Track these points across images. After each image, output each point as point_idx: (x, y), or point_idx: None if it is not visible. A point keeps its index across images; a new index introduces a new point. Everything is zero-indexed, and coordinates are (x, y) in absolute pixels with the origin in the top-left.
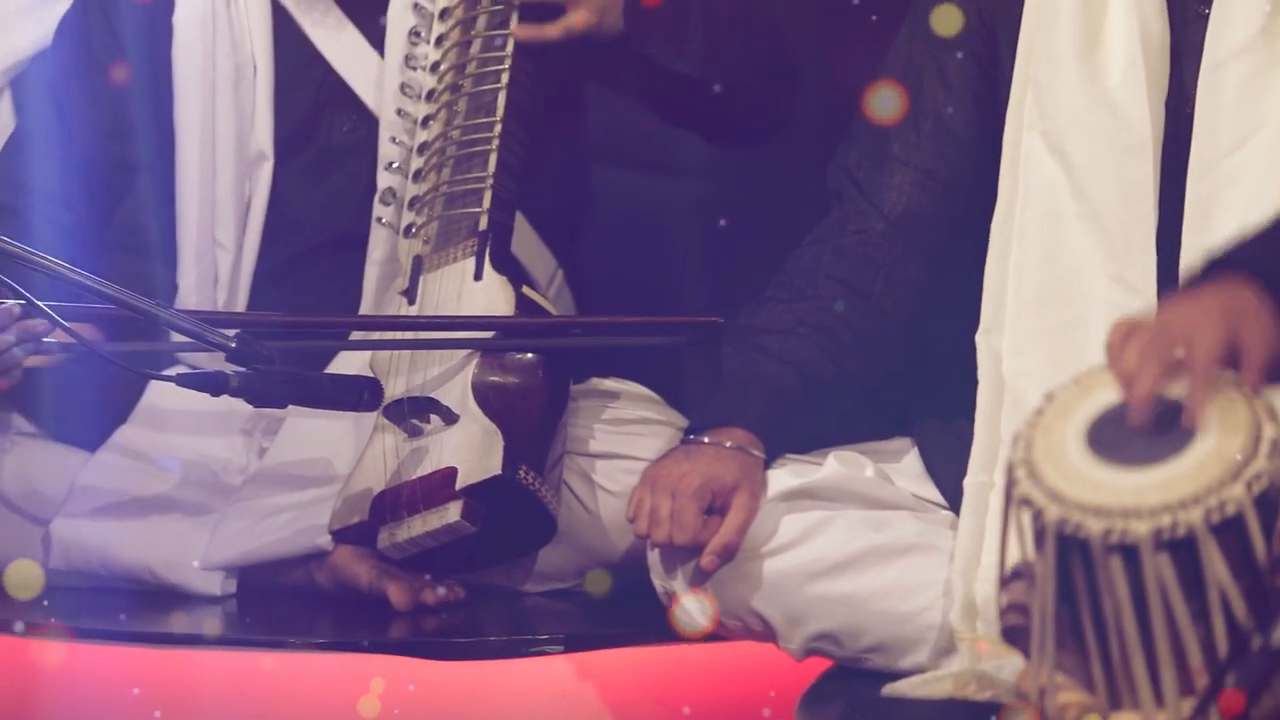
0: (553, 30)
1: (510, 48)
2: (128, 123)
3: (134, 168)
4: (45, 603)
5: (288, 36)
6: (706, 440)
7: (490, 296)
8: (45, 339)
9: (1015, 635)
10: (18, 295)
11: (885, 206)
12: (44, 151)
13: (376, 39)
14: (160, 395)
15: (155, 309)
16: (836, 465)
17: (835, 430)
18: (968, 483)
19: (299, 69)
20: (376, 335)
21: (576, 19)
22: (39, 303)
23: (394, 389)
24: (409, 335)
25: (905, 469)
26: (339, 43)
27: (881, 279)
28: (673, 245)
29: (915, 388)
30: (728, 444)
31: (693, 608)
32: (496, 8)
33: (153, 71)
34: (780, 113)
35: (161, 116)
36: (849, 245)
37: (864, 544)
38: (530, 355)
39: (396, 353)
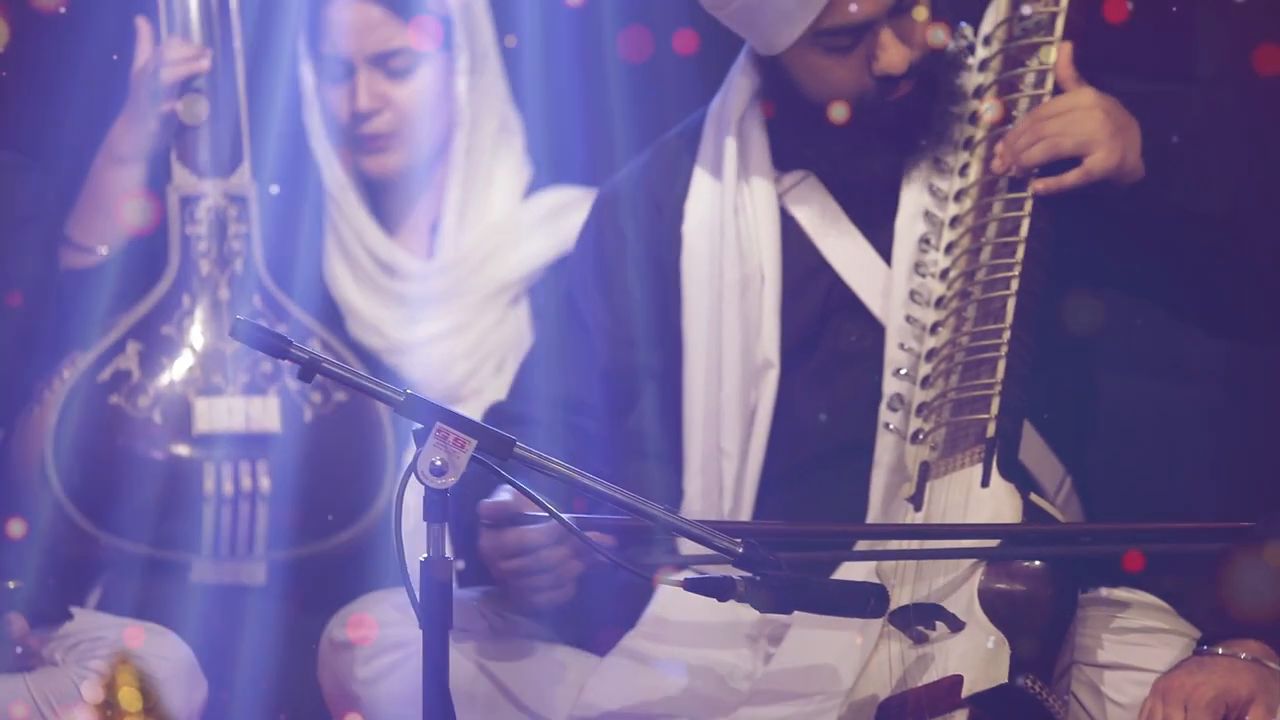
0: (1072, 175)
1: (1020, 255)
2: (641, 330)
3: (649, 375)
4: None
5: (795, 245)
6: (1220, 651)
7: (997, 503)
8: None
9: None
10: (536, 501)
11: None
12: (564, 359)
13: (883, 247)
14: (668, 600)
15: (664, 514)
16: None
17: None
18: None
19: (806, 278)
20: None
21: (1094, 161)
22: (551, 507)
23: (900, 595)
24: (915, 544)
25: None
26: (847, 251)
27: None
28: (1182, 451)
29: None
30: (1243, 655)
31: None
32: (1008, 215)
33: (662, 280)
34: None
35: (670, 324)
36: None
37: None
38: (1038, 563)
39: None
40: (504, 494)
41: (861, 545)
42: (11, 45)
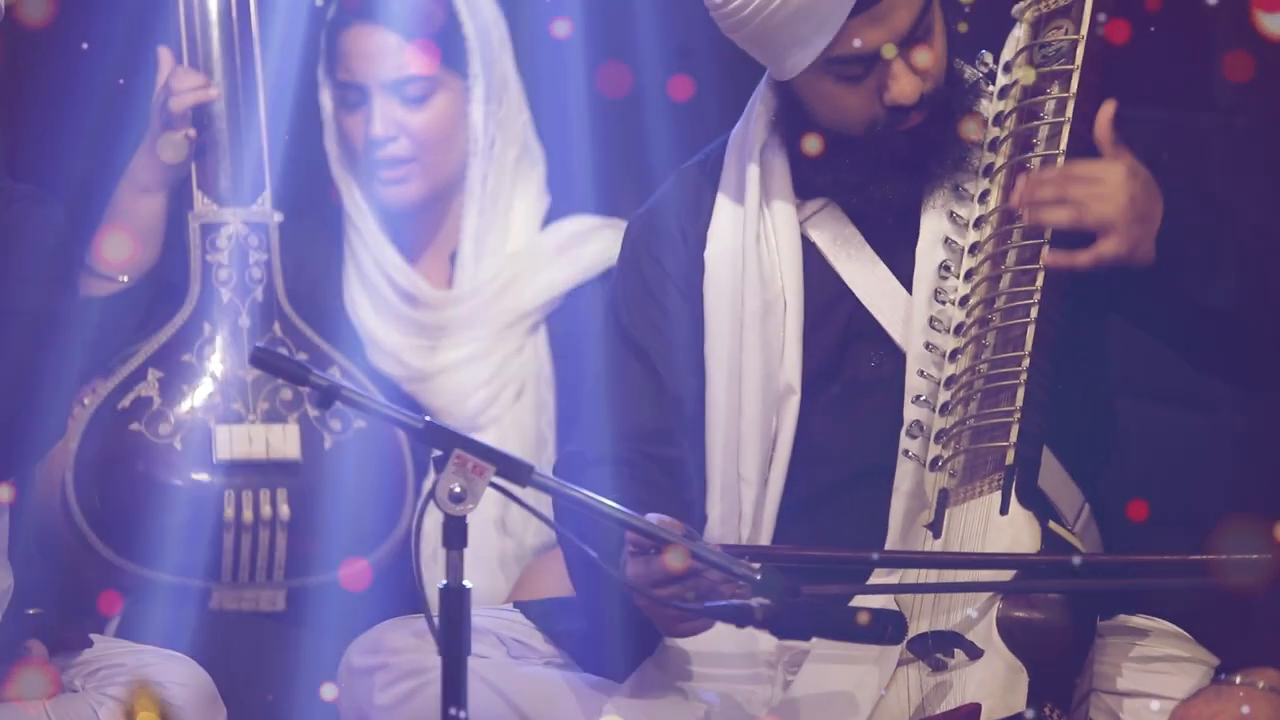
0: (1083, 258)
1: (1040, 282)
2: (687, 356)
3: (702, 400)
4: None
5: (817, 272)
6: (1239, 679)
7: (1016, 531)
8: None
9: None
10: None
11: None
12: (629, 392)
13: (904, 274)
14: None
15: (682, 541)
16: None
17: None
18: None
19: (827, 304)
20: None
21: (1106, 247)
22: (570, 535)
23: (918, 622)
24: (934, 573)
25: None
26: (868, 278)
27: None
28: (1202, 481)
29: None
30: (1260, 684)
31: None
32: (1027, 242)
33: (689, 306)
34: None
35: (695, 351)
36: None
37: None
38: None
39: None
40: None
41: (880, 571)
42: (29, 77)
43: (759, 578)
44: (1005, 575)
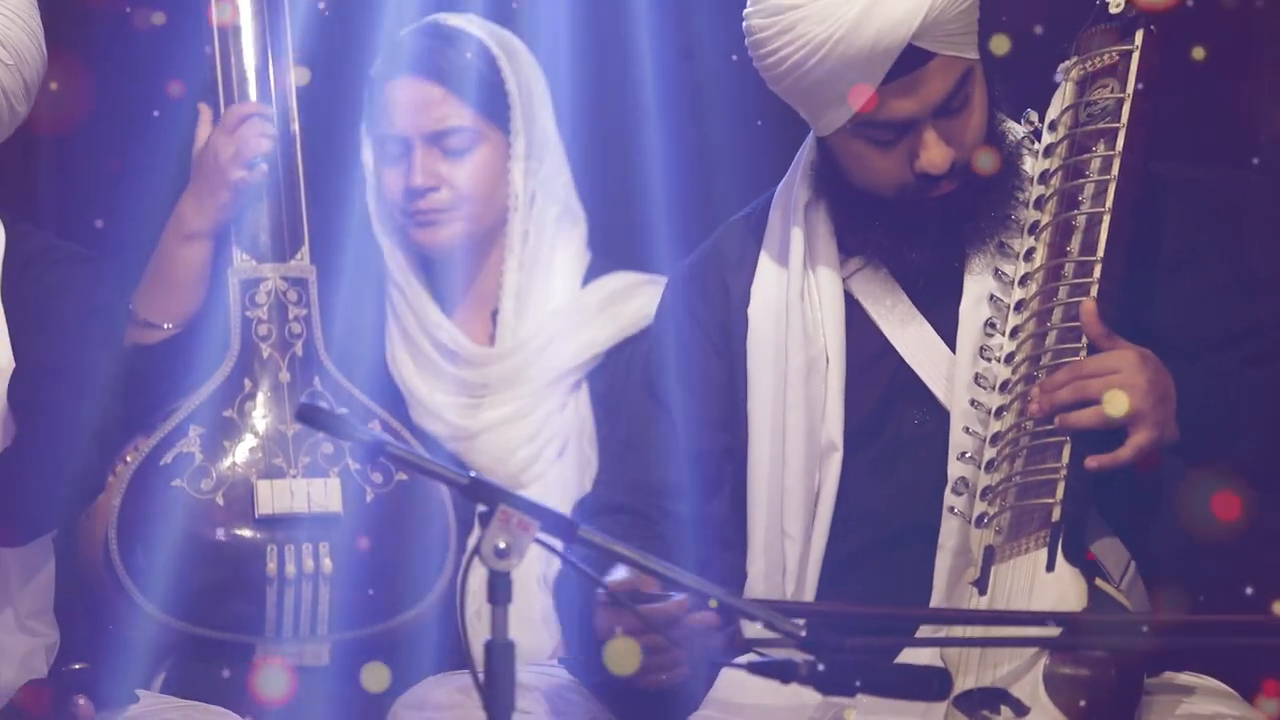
0: (1124, 453)
1: (1085, 340)
2: (717, 411)
3: (729, 457)
4: None
5: (860, 329)
6: None
7: (1062, 588)
8: None
9: None
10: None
11: None
12: (649, 445)
13: (948, 331)
14: (731, 682)
15: (726, 597)
16: None
17: None
18: None
19: (870, 361)
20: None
21: (1142, 439)
22: (602, 583)
23: (964, 679)
24: (980, 630)
25: None
26: (910, 336)
27: None
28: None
29: None
30: None
31: None
32: (1073, 300)
33: (729, 363)
34: None
35: (737, 405)
36: None
37: None
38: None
39: None
40: (620, 571)
41: (926, 627)
42: (68, 135)
43: (804, 634)
44: (1053, 632)
